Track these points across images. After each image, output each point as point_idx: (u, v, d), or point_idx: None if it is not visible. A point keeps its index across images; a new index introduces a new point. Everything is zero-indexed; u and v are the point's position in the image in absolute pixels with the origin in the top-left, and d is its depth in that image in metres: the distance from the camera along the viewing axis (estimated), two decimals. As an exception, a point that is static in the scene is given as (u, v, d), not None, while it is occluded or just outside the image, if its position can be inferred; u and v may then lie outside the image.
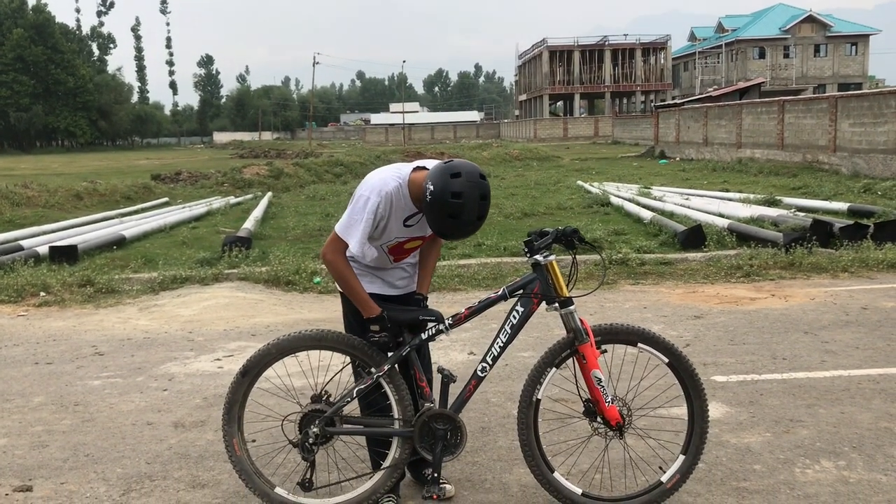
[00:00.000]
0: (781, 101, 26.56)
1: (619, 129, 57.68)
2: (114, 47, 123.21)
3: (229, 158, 49.19)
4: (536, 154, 37.04)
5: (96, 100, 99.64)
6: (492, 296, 3.43)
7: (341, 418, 3.49)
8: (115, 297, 8.43)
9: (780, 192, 16.75)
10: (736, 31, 70.98)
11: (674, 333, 6.40)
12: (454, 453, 3.42)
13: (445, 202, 3.05)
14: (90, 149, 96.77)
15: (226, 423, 3.51)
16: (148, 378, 5.66)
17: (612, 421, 3.38)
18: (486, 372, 3.43)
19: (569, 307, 3.37)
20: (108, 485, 3.90)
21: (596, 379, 3.35)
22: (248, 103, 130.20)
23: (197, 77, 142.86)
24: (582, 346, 3.35)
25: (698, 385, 3.46)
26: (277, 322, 7.20)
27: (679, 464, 3.50)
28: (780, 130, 25.93)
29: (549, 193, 18.72)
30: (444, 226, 3.13)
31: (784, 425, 4.42)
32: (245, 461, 3.51)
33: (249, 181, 25.05)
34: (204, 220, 15.69)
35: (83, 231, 13.30)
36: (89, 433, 4.60)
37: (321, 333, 3.49)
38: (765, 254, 9.15)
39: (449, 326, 3.43)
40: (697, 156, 32.63)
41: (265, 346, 3.49)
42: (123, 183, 23.24)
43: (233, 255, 10.14)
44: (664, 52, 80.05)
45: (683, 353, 3.48)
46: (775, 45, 68.18)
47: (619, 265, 9.05)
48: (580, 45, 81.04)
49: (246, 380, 3.50)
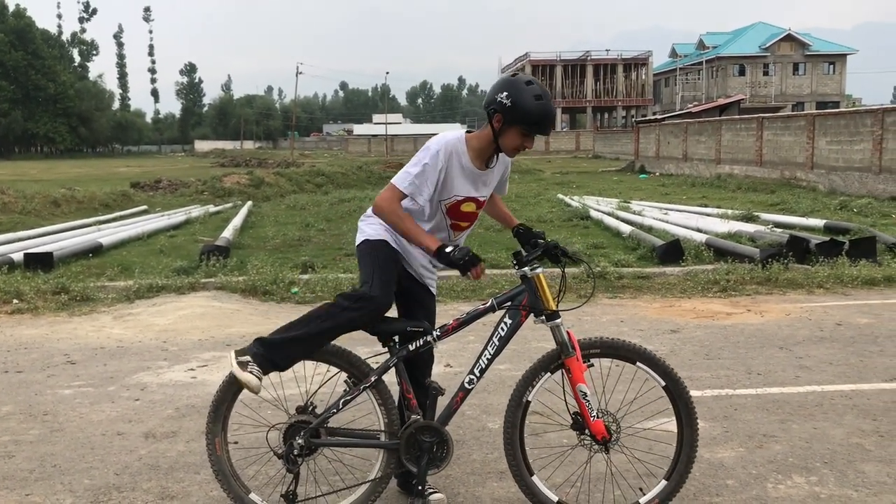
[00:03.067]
0: (760, 118, 26.85)
1: (600, 143, 58.04)
2: (95, 54, 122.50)
3: (210, 167, 48.92)
4: (518, 167, 37.10)
5: (77, 106, 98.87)
6: (480, 307, 3.42)
7: (327, 430, 3.46)
8: (90, 306, 8.34)
9: (758, 207, 16.89)
10: (716, 49, 71.77)
11: (650, 347, 6.39)
12: (439, 466, 3.40)
13: (524, 90, 3.18)
14: (70, 155, 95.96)
15: (210, 422, 3.45)
16: (120, 387, 5.59)
17: (598, 435, 3.37)
18: (474, 384, 3.40)
19: (555, 320, 3.36)
20: (75, 496, 3.83)
21: (581, 393, 3.35)
22: (231, 112, 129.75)
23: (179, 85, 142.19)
24: (568, 359, 3.35)
25: (692, 412, 3.44)
26: (253, 332, 7.12)
27: (660, 489, 3.48)
28: (759, 147, 26.19)
29: (530, 206, 18.78)
30: (535, 108, 3.18)
31: (757, 440, 4.44)
32: (224, 462, 3.46)
33: (230, 190, 24.92)
34: (182, 229, 15.58)
35: (59, 238, 13.15)
36: (58, 443, 4.53)
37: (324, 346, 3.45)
38: (742, 269, 9.21)
39: (437, 338, 3.40)
40: (677, 171, 32.88)
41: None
42: (102, 190, 23.05)
43: (210, 264, 10.06)
44: (645, 68, 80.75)
45: (681, 379, 3.48)
46: (755, 63, 69.00)
47: (598, 279, 9.07)
48: (563, 60, 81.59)
49: (233, 381, 3.42)
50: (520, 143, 3.28)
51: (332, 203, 20.64)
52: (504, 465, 3.89)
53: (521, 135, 3.26)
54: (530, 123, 3.21)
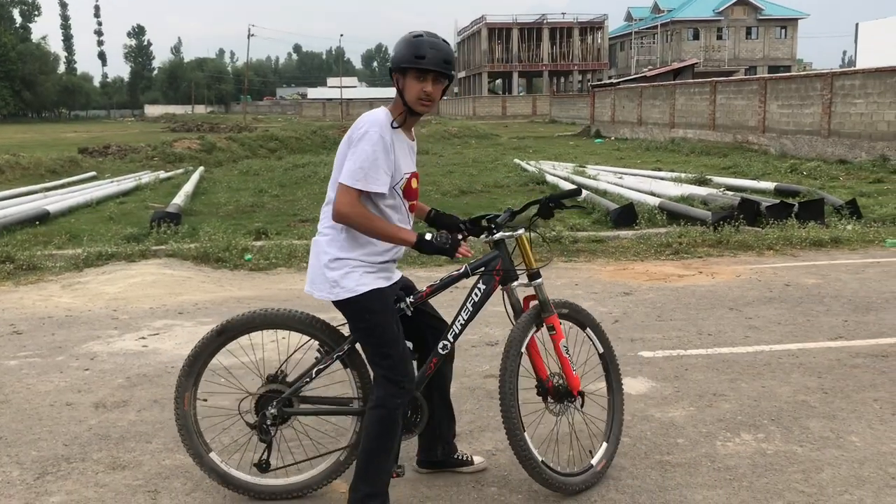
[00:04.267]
0: (713, 83, 27.09)
1: (556, 108, 58.10)
2: (38, 15, 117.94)
3: (161, 132, 47.88)
4: (475, 132, 37.04)
5: (19, 69, 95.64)
6: (453, 273, 3.39)
7: (300, 398, 3.43)
8: (37, 275, 8.14)
9: (711, 171, 17.12)
10: (671, 12, 71.98)
11: (603, 310, 6.48)
12: (413, 431, 3.40)
13: (405, 38, 3.09)
14: (13, 120, 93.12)
15: (183, 375, 3.40)
16: (69, 357, 5.48)
17: (575, 389, 3.47)
18: (448, 350, 3.37)
19: (537, 279, 3.42)
20: (22, 468, 3.76)
21: (564, 348, 3.44)
22: (181, 76, 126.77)
23: (127, 48, 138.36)
24: (549, 317, 3.42)
25: (620, 380, 3.74)
26: (206, 300, 7.04)
27: (603, 451, 3.63)
28: (712, 111, 26.46)
29: (487, 171, 18.76)
30: (414, 43, 3.04)
31: (707, 399, 4.52)
32: (189, 418, 3.41)
33: (181, 155, 24.43)
34: (132, 196, 15.26)
35: (4, 206, 12.78)
36: (3, 415, 4.43)
37: (296, 314, 3.40)
38: (694, 232, 9.34)
39: (410, 304, 3.33)
40: (632, 135, 33.10)
41: (251, 312, 3.39)
42: (48, 156, 22.42)
43: (161, 232, 9.89)
44: (601, 32, 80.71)
45: (614, 350, 3.73)
46: (709, 27, 69.42)
47: (553, 243, 9.12)
48: (519, 23, 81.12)
49: (221, 339, 3.39)
50: (418, 88, 3.04)
51: (286, 168, 20.38)
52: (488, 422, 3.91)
53: (416, 80, 3.03)
54: (412, 60, 3.00)
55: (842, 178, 15.57)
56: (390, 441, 3.17)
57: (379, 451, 3.15)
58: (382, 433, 3.14)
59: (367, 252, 3.16)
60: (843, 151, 19.42)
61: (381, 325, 3.14)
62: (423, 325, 3.43)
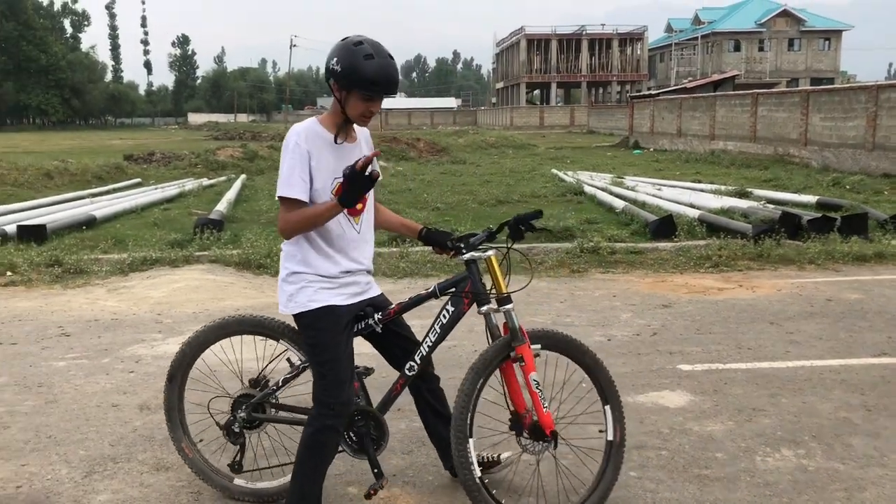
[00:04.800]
0: (755, 94, 26.79)
1: (594, 118, 57.87)
2: (87, 25, 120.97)
3: (204, 140, 48.67)
4: (512, 142, 37.06)
5: (69, 78, 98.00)
6: (422, 293, 3.34)
7: (273, 405, 3.50)
8: (84, 278, 8.34)
9: (751, 184, 16.92)
10: (712, 24, 71.41)
11: (642, 322, 6.46)
12: (366, 452, 3.37)
13: (353, 52, 2.93)
14: (62, 127, 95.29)
15: (170, 430, 3.58)
16: (114, 360, 5.61)
17: (547, 429, 3.18)
18: (414, 371, 3.30)
19: (507, 305, 3.19)
20: (70, 467, 3.87)
21: (534, 382, 3.16)
22: (224, 85, 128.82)
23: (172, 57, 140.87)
24: (519, 347, 3.17)
25: (622, 420, 3.38)
26: (247, 305, 7.15)
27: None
28: (753, 123, 26.16)
29: (524, 181, 18.75)
30: (366, 68, 2.91)
31: (747, 414, 4.49)
32: (199, 461, 3.57)
33: (223, 163, 24.81)
34: (176, 202, 15.53)
35: (53, 210, 13.11)
36: (52, 415, 4.56)
37: (237, 319, 3.51)
38: (734, 245, 9.25)
39: (378, 321, 3.30)
40: (671, 147, 32.85)
41: (180, 349, 3.54)
42: (95, 163, 22.92)
43: (204, 238, 10.06)
44: (641, 43, 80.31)
45: (617, 390, 3.39)
46: (750, 39, 68.70)
47: (591, 254, 9.10)
48: (558, 34, 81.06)
49: (174, 385, 3.56)
50: (363, 107, 3.01)
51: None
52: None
53: (363, 99, 2.98)
54: (364, 85, 2.93)
55: (886, 193, 15.28)
56: (315, 462, 3.14)
57: (303, 469, 3.15)
58: (306, 453, 3.13)
59: (325, 265, 3.15)
60: (887, 165, 19.07)
61: (323, 343, 3.12)
62: (392, 344, 3.41)
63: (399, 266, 8.48)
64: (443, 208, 13.53)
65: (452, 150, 31.20)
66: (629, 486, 3.63)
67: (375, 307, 3.32)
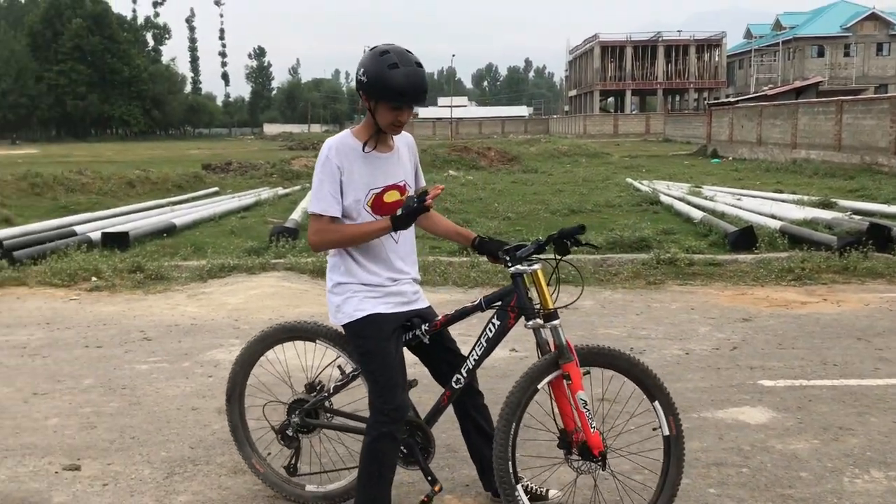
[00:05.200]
0: (840, 101, 25.94)
1: (670, 126, 56.93)
2: (168, 38, 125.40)
3: (279, 150, 49.76)
4: (585, 150, 36.71)
5: (150, 89, 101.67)
6: (468, 305, 3.30)
7: (327, 410, 3.54)
8: (164, 284, 8.58)
9: (836, 194, 16.34)
10: (794, 29, 69.51)
11: (721, 336, 6.30)
12: (414, 464, 3.38)
13: (379, 62, 2.93)
14: (143, 137, 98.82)
15: (239, 449, 3.70)
16: (194, 364, 5.75)
17: (595, 449, 3.09)
18: (461, 384, 3.27)
19: (554, 321, 3.11)
20: (153, 467, 3.97)
21: (581, 401, 3.08)
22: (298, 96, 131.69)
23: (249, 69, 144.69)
24: (566, 364, 3.08)
25: (681, 450, 3.22)
26: (322, 312, 7.24)
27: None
28: (838, 131, 25.32)
29: (598, 190, 18.54)
30: (392, 79, 2.91)
31: (833, 433, 4.31)
32: (270, 475, 3.65)
33: (298, 173, 25.28)
34: (252, 210, 15.88)
35: (135, 218, 13.55)
36: (135, 416, 4.69)
37: (274, 329, 3.62)
38: (818, 257, 8.93)
39: (426, 332, 3.28)
40: (751, 155, 32.05)
41: (231, 369, 3.71)
42: (175, 172, 23.63)
43: (280, 246, 10.24)
44: (719, 50, 78.80)
45: (678, 417, 3.24)
46: (835, 44, 66.61)
47: (668, 265, 8.92)
48: (633, 41, 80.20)
49: (234, 404, 3.69)
50: (392, 117, 3.00)
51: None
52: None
53: (391, 109, 2.98)
54: (391, 96, 2.94)
55: (982, 203, 14.57)
56: (377, 469, 3.13)
57: (366, 478, 3.15)
58: (368, 460, 3.14)
59: (367, 276, 3.17)
60: (983, 174, 18.20)
61: (373, 351, 3.13)
62: (439, 358, 3.38)
63: (470, 276, 8.47)
64: (514, 218, 13.48)
65: (524, 158, 31.08)
66: (708, 503, 3.53)
67: (423, 318, 3.31)
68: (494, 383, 5.03)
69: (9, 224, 13.47)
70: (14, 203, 16.52)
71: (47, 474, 3.90)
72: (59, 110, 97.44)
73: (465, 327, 4.29)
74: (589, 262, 9.07)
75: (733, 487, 3.68)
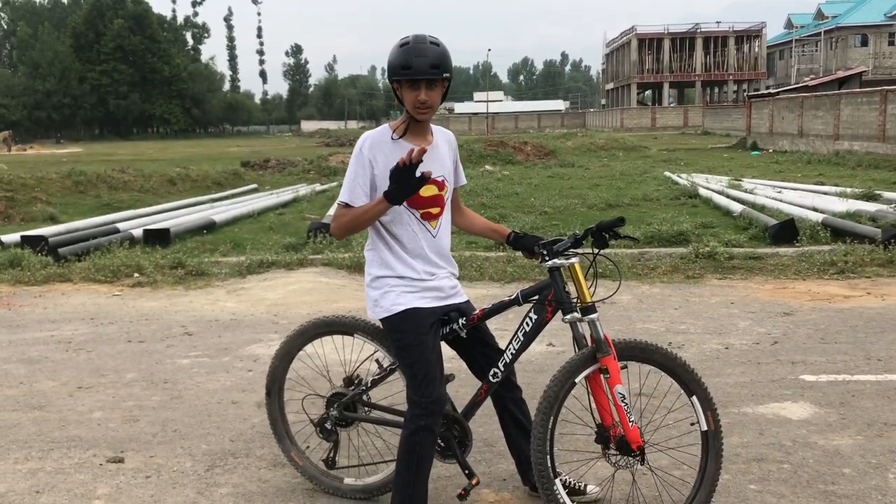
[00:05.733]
0: (884, 91, 25.38)
1: (709, 119, 56.20)
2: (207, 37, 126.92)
3: (316, 147, 50.13)
4: (622, 144, 36.41)
5: (190, 88, 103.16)
6: (505, 300, 3.29)
7: (365, 404, 3.57)
8: (205, 280, 8.70)
9: (880, 186, 15.99)
10: (836, 18, 68.09)
11: (762, 330, 6.21)
12: (452, 457, 3.39)
13: (395, 46, 3.02)
14: (183, 136, 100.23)
15: (278, 442, 3.75)
16: (234, 358, 5.82)
17: (634, 444, 3.06)
18: (498, 377, 3.27)
19: (591, 314, 3.09)
20: (194, 460, 4.03)
21: (619, 395, 3.05)
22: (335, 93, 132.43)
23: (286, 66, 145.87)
24: (604, 358, 3.06)
25: (719, 446, 3.17)
26: (359, 308, 7.28)
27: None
28: (882, 122, 24.78)
29: (635, 184, 18.38)
30: (399, 54, 2.98)
31: (877, 429, 4.23)
32: (309, 468, 3.69)
33: (335, 169, 25.46)
34: (290, 207, 16.01)
35: (175, 215, 13.76)
36: (177, 410, 4.77)
37: (313, 323, 3.65)
38: (861, 250, 8.76)
39: (462, 326, 3.28)
40: (791, 148, 31.52)
41: (271, 363, 3.75)
42: (214, 169, 23.94)
43: (317, 242, 10.32)
44: (759, 40, 77.55)
45: (717, 415, 3.19)
46: (879, 33, 65.11)
47: (706, 259, 8.82)
48: (670, 33, 79.28)
49: (273, 398, 3.73)
50: (413, 97, 2.99)
51: (434, 181, 20.72)
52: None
53: (410, 90, 2.99)
54: (398, 71, 2.97)
55: None
56: (414, 462, 3.13)
57: (404, 471, 3.15)
58: (406, 453, 3.14)
59: (405, 269, 3.17)
60: None
61: (411, 345, 3.12)
62: (476, 352, 3.38)
63: (507, 270, 8.46)
64: (550, 212, 13.42)
65: (560, 152, 30.92)
66: (749, 499, 3.49)
67: (461, 313, 3.31)
68: (532, 378, 5.03)
69: (54, 221, 13.78)
70: (59, 201, 16.89)
71: (92, 466, 3.98)
72: (102, 109, 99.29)
73: (501, 322, 4.30)
74: (626, 256, 9.01)
75: (774, 483, 3.63)
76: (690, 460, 3.45)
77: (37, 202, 16.20)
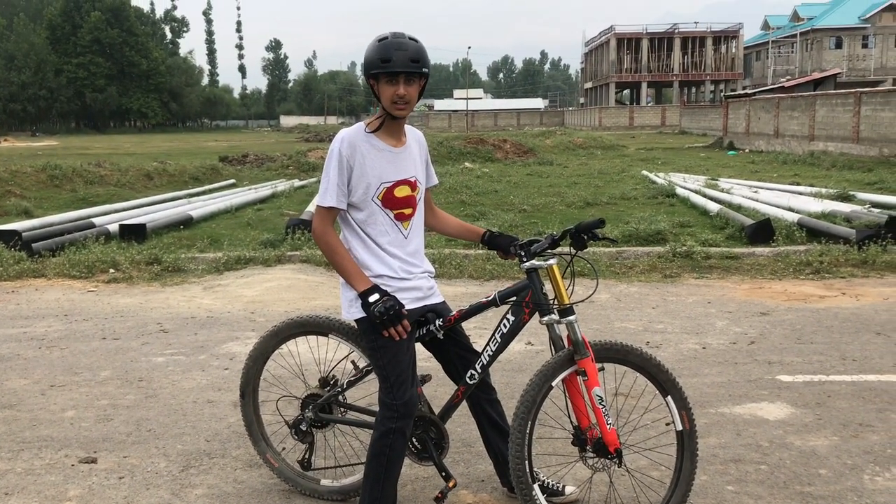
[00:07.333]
0: (858, 93, 25.66)
1: (686, 118, 56.55)
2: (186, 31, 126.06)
3: (295, 142, 49.88)
4: (601, 143, 36.53)
5: (168, 82, 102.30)
6: (482, 300, 3.26)
7: (341, 405, 3.54)
8: (181, 276, 8.61)
9: (854, 187, 16.16)
10: (812, 20, 68.75)
11: (739, 330, 6.25)
12: (428, 459, 3.37)
13: (372, 42, 3.00)
14: (161, 130, 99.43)
15: (253, 444, 3.71)
16: (210, 357, 5.76)
17: (611, 447, 3.05)
18: (475, 379, 3.25)
19: (569, 316, 3.07)
20: (169, 460, 3.98)
21: (597, 398, 3.04)
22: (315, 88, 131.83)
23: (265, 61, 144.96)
24: (582, 360, 3.05)
25: (694, 448, 3.18)
26: (337, 305, 7.23)
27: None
28: (856, 123, 25.06)
29: (613, 183, 18.44)
30: (376, 48, 2.95)
31: (853, 429, 4.27)
32: (285, 470, 3.67)
33: (314, 165, 25.31)
34: (269, 203, 15.90)
35: (152, 210, 13.62)
36: (152, 409, 4.71)
37: (286, 324, 3.58)
38: (836, 250, 8.85)
39: (439, 328, 3.25)
40: (768, 148, 31.79)
41: (245, 364, 3.69)
42: (192, 164, 23.72)
43: (296, 238, 10.25)
44: (736, 41, 78.14)
45: (692, 416, 3.21)
46: (853, 35, 65.83)
47: (684, 258, 8.86)
48: (649, 33, 79.69)
49: (247, 400, 3.69)
50: (391, 91, 2.95)
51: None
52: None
53: (388, 84, 2.95)
54: (378, 65, 2.93)
55: None
56: (384, 465, 3.11)
57: (373, 473, 3.13)
58: (375, 455, 3.12)
59: (383, 268, 3.13)
60: None
61: (384, 346, 3.07)
62: (452, 354, 3.35)
63: (486, 268, 8.45)
64: (529, 210, 13.43)
65: (539, 151, 30.96)
66: (726, 500, 3.50)
67: (437, 314, 3.28)
68: (510, 377, 5.02)
69: (28, 216, 13.58)
70: (34, 195, 16.65)
71: (63, 467, 3.92)
72: (79, 103, 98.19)
73: (480, 320, 4.28)
74: (604, 255, 9.03)
75: (752, 485, 3.65)
76: (668, 461, 3.45)
77: (11, 196, 15.96)
